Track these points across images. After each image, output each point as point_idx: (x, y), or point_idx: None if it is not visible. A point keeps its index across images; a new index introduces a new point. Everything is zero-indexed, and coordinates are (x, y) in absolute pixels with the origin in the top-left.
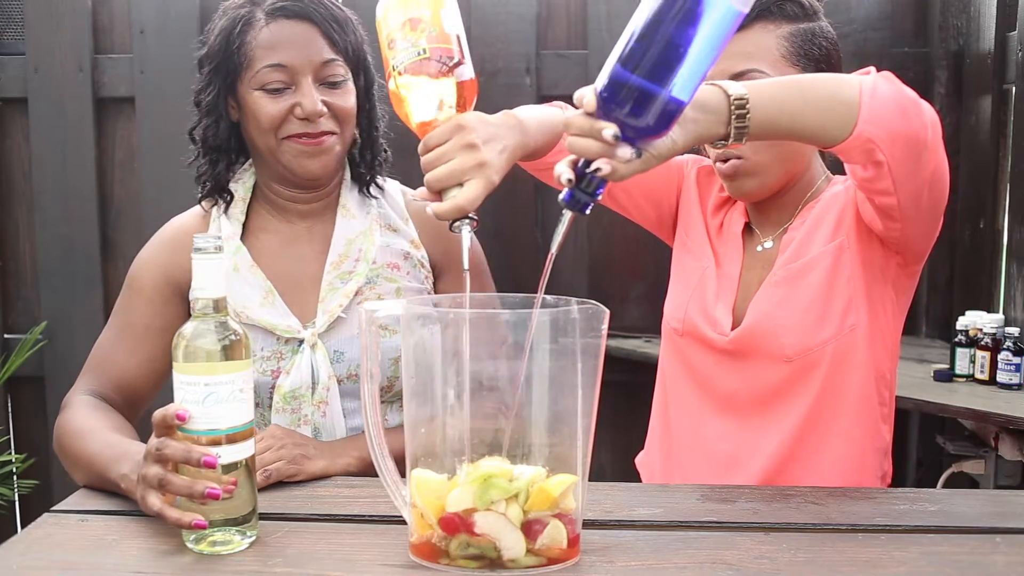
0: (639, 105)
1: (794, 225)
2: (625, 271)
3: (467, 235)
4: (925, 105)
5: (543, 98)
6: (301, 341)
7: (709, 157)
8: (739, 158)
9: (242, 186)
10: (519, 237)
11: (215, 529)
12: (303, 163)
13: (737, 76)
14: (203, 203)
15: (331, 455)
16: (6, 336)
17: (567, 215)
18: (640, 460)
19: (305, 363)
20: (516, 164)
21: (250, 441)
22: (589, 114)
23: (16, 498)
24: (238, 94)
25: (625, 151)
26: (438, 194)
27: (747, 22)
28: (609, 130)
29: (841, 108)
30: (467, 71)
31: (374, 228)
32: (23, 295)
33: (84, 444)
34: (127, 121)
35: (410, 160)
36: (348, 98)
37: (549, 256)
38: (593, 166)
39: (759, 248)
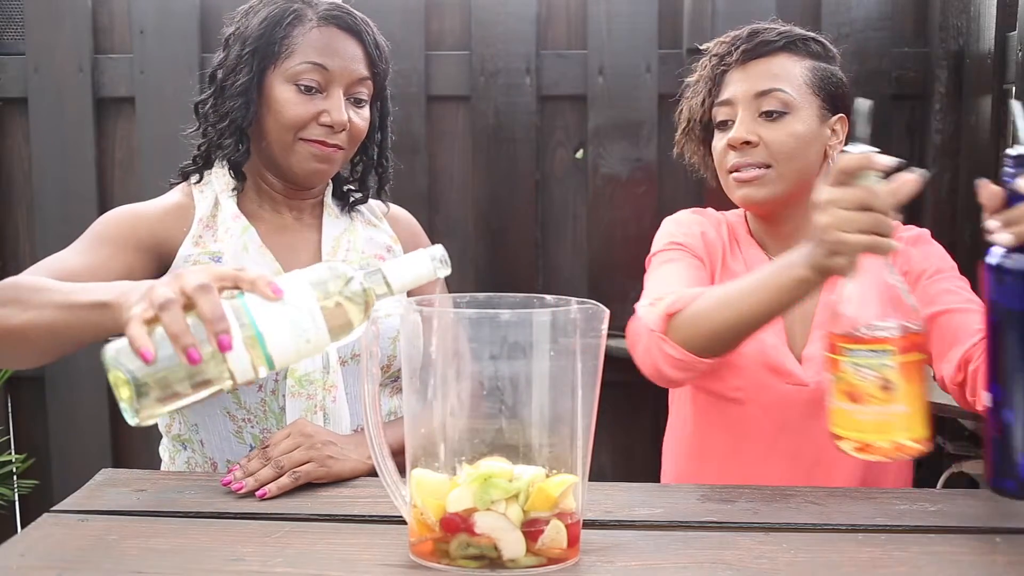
0: None
1: None
2: (625, 271)
3: None
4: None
5: (543, 98)
6: None
7: (717, 167)
8: (768, 167)
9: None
10: (519, 235)
11: (140, 377)
12: (310, 165)
13: (763, 93)
14: (189, 181)
15: (357, 453)
16: None
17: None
18: None
19: None
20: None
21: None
22: None
23: (16, 498)
24: (264, 82)
25: None
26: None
27: (773, 51)
28: None
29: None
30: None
31: (356, 224)
32: None
33: (45, 286)
34: (127, 121)
35: (404, 158)
36: (365, 120)
37: None
38: None
39: None
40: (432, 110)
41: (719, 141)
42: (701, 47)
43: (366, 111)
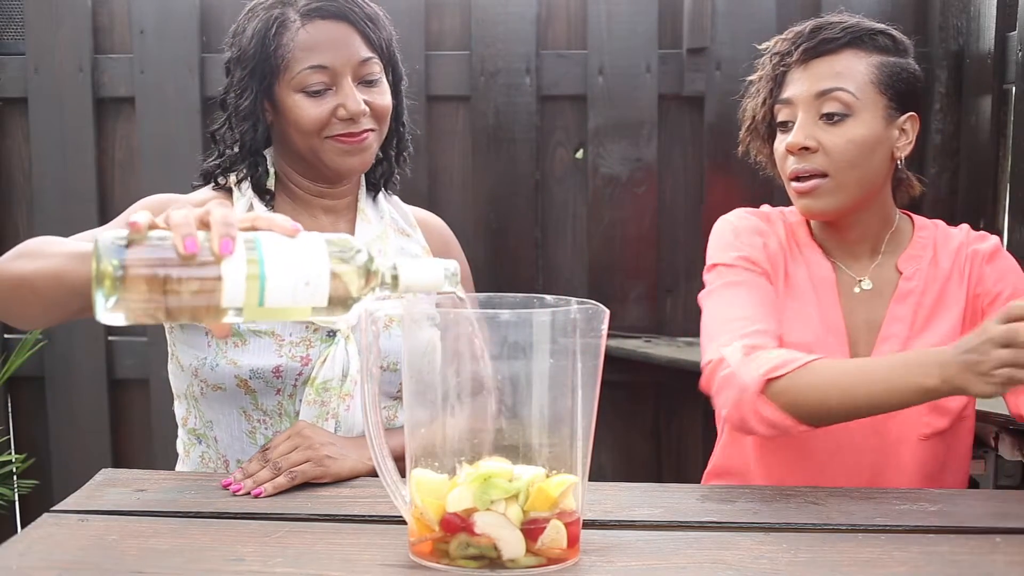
0: None
1: (906, 275)
2: (625, 271)
3: None
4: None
5: (543, 98)
6: (332, 332)
7: (779, 171)
8: (824, 176)
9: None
10: (519, 235)
11: (125, 269)
12: (345, 160)
13: (823, 93)
14: (218, 179)
15: (357, 454)
16: (6, 336)
17: None
18: None
19: (340, 355)
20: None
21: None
22: None
23: (16, 498)
24: (275, 96)
25: None
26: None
27: (838, 47)
28: None
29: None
30: None
31: (389, 231)
32: None
33: (63, 241)
34: (127, 121)
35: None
36: (385, 96)
37: None
38: None
39: (856, 291)
40: (432, 110)
41: (780, 144)
42: (761, 46)
43: (384, 85)
